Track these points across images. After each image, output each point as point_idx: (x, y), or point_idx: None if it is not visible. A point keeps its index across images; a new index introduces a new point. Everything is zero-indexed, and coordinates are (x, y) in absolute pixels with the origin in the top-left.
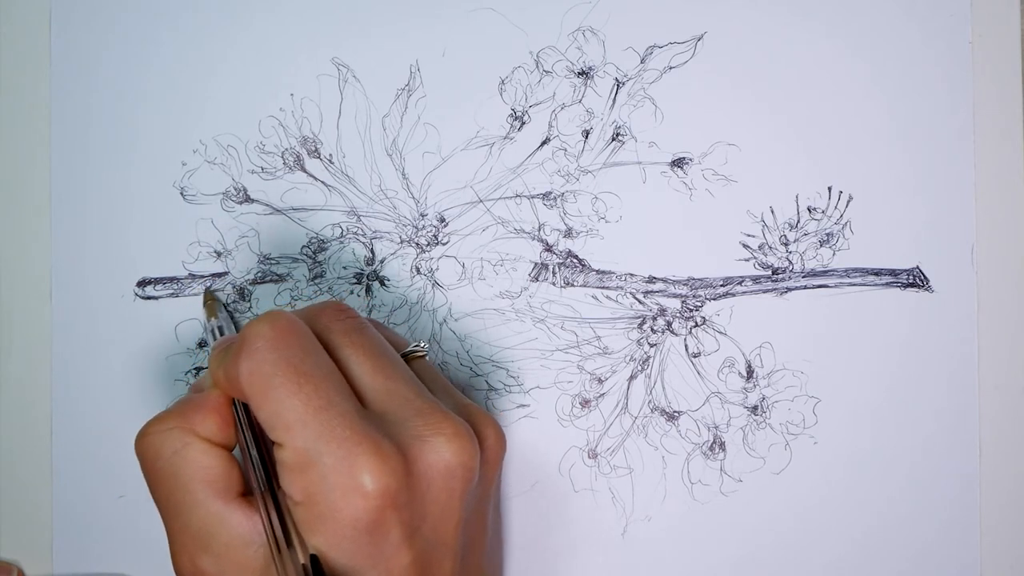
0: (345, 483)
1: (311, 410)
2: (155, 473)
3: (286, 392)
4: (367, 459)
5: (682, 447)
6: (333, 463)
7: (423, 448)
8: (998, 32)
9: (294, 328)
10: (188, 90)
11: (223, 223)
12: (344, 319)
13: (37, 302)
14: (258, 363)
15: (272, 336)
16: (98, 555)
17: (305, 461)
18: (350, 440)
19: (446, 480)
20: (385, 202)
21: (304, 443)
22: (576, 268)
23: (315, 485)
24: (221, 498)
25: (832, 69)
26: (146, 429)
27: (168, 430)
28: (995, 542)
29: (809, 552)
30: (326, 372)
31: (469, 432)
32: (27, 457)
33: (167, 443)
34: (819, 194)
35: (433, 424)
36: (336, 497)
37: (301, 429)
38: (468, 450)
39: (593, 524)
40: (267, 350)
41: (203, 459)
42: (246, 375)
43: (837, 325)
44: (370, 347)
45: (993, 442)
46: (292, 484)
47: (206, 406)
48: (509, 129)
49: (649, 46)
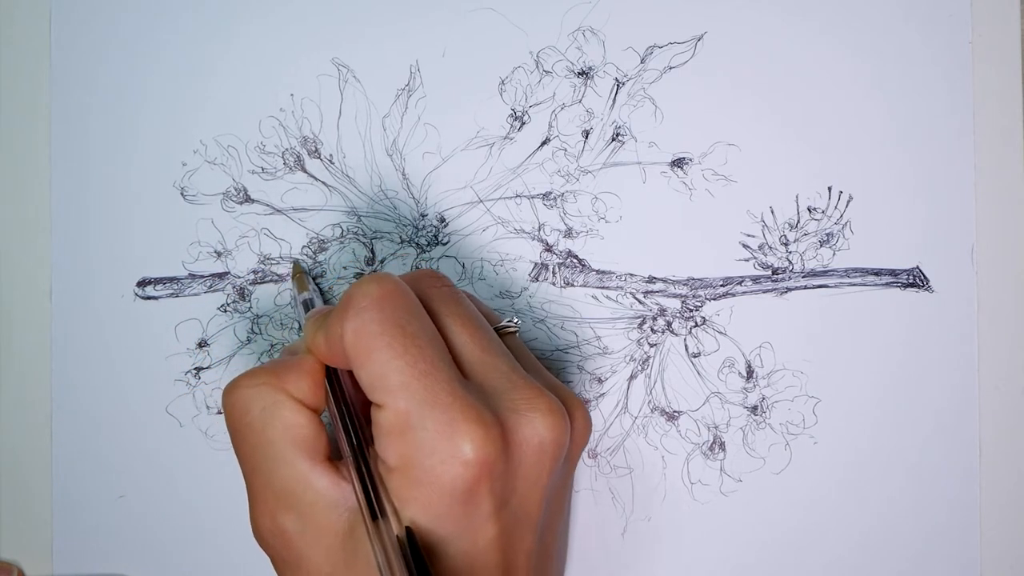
0: (445, 449)
1: (416, 373)
2: (242, 428)
3: (392, 353)
4: (469, 427)
5: (682, 447)
6: (435, 428)
7: (519, 421)
8: (998, 32)
9: (400, 290)
10: (188, 90)
11: (223, 223)
12: (442, 287)
13: (37, 302)
14: (365, 322)
15: (379, 296)
16: (98, 555)
17: (405, 424)
18: (453, 407)
19: (538, 455)
20: (385, 202)
21: (407, 406)
22: (576, 268)
23: (413, 449)
24: (308, 459)
25: (832, 69)
26: (237, 382)
27: (259, 385)
28: (995, 542)
29: (809, 552)
30: (431, 336)
31: (563, 410)
32: (27, 457)
33: (257, 398)
34: (819, 194)
35: (529, 399)
36: (435, 463)
37: (404, 392)
38: (561, 427)
39: (593, 524)
40: (374, 310)
41: (293, 418)
42: (351, 334)
43: (837, 325)
44: (469, 317)
45: (993, 442)
46: (388, 448)
47: (300, 368)
48: (509, 129)
49: (649, 46)
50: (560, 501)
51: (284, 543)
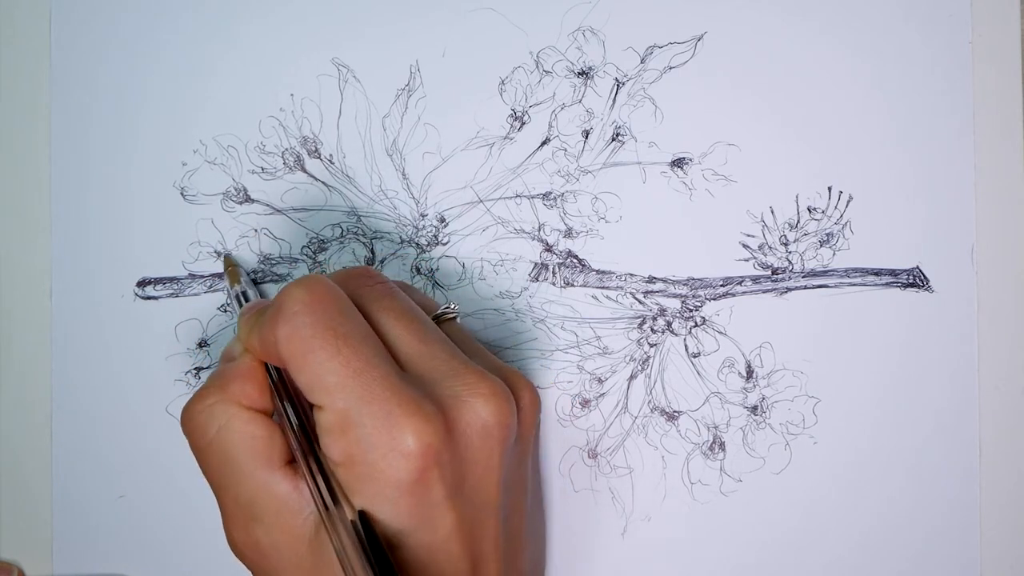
0: (386, 443)
1: (350, 372)
2: (203, 450)
3: (325, 355)
4: (408, 419)
5: (682, 447)
6: (374, 424)
7: (461, 408)
8: (998, 32)
9: (330, 292)
10: (188, 90)
11: (223, 223)
12: (374, 284)
13: (37, 302)
14: (296, 327)
15: (309, 300)
16: (98, 555)
17: (345, 423)
18: (390, 401)
19: (484, 439)
20: (385, 202)
21: (345, 405)
22: (576, 268)
23: (356, 446)
24: (267, 467)
25: (832, 69)
26: (190, 408)
27: (211, 406)
28: (995, 542)
29: (809, 552)
30: (364, 335)
31: (505, 391)
32: (27, 457)
33: (212, 420)
34: (819, 194)
35: (470, 384)
36: (377, 458)
37: (341, 391)
38: (505, 409)
39: (593, 524)
40: (304, 314)
41: (247, 429)
42: (284, 340)
43: (837, 325)
44: (403, 310)
45: (993, 442)
46: (332, 446)
47: (242, 374)
48: (509, 129)
49: (649, 46)
50: (521, 482)
51: (258, 554)
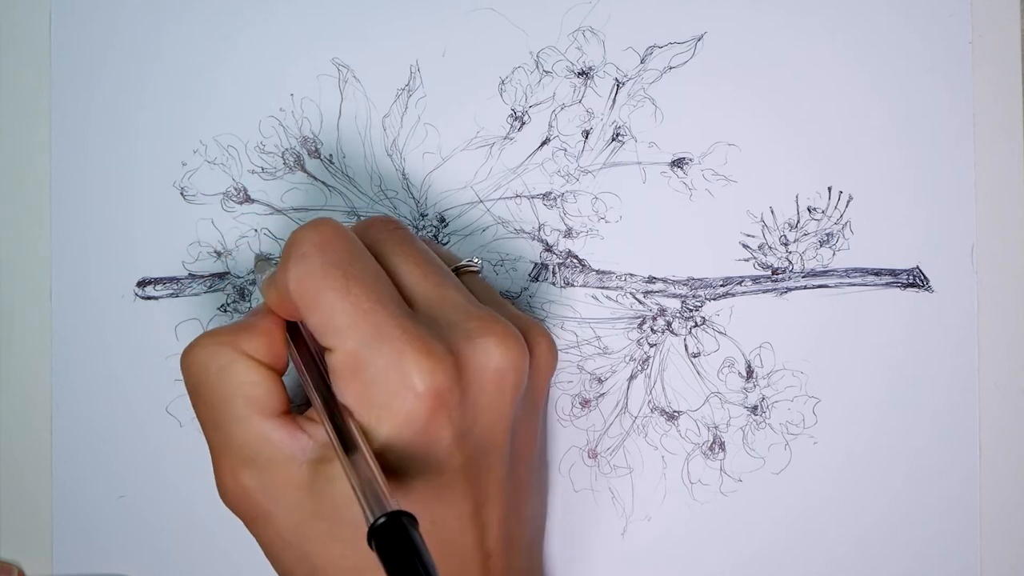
0: (396, 383)
1: (360, 312)
2: (198, 387)
3: (335, 296)
4: (418, 358)
5: (682, 447)
6: (384, 363)
7: (474, 349)
8: (998, 32)
9: (339, 232)
10: (188, 90)
11: (223, 223)
12: (394, 229)
13: (37, 302)
14: (306, 269)
15: (318, 241)
16: (98, 555)
17: (356, 364)
18: (400, 340)
19: (497, 383)
20: (385, 202)
21: (355, 345)
22: (576, 268)
23: (367, 387)
24: (264, 414)
25: (832, 69)
26: (194, 344)
27: (215, 344)
28: (995, 542)
29: (809, 552)
30: (374, 274)
31: (518, 336)
32: (27, 457)
33: (214, 358)
34: (819, 194)
35: (484, 326)
36: (388, 398)
37: (351, 332)
38: (518, 352)
39: (593, 524)
40: (314, 255)
41: (247, 375)
42: (294, 283)
43: (837, 325)
44: (420, 254)
45: (993, 442)
46: (345, 390)
47: (256, 327)
48: (509, 129)
49: (649, 46)
50: (530, 432)
51: (248, 500)
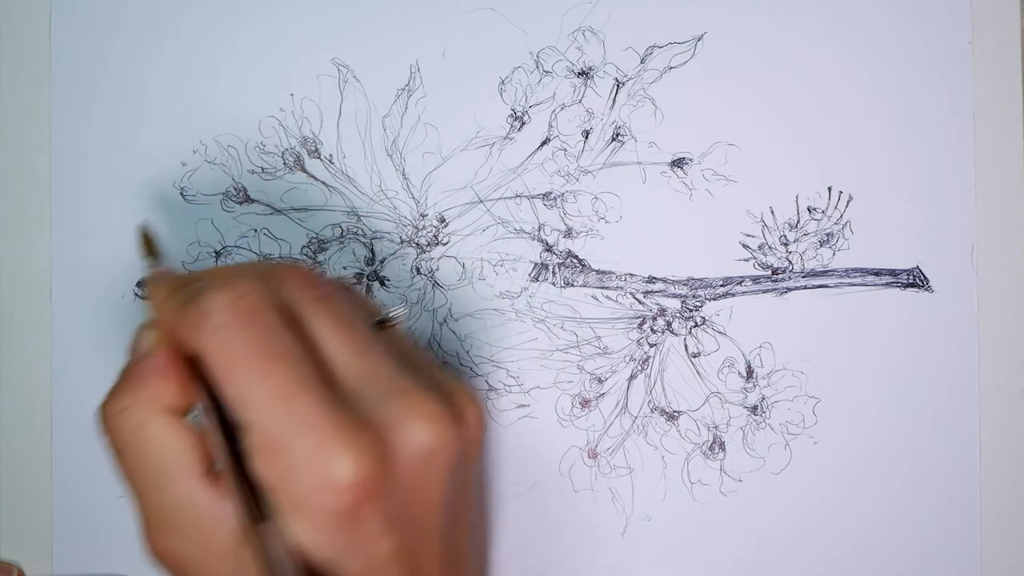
0: (318, 476)
1: (282, 396)
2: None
3: (253, 375)
4: (342, 450)
5: (682, 447)
6: (305, 454)
7: (401, 433)
8: (998, 32)
9: (261, 305)
10: (188, 90)
11: (223, 223)
12: (312, 286)
13: (37, 302)
14: (223, 342)
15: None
16: (98, 555)
17: (276, 447)
18: (323, 430)
19: (426, 465)
20: (385, 202)
21: (274, 429)
22: (576, 268)
23: (286, 473)
24: (187, 477)
25: (832, 69)
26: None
27: (125, 410)
28: (995, 542)
29: (809, 552)
30: (296, 354)
31: (449, 412)
32: (27, 457)
33: (127, 424)
34: (819, 194)
35: (412, 406)
36: (309, 489)
37: (271, 416)
38: (449, 433)
39: (593, 524)
40: (232, 327)
41: (164, 436)
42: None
43: (837, 325)
44: (341, 319)
45: (993, 442)
46: (261, 468)
47: (156, 372)
48: (509, 129)
49: (649, 46)
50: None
51: (176, 565)
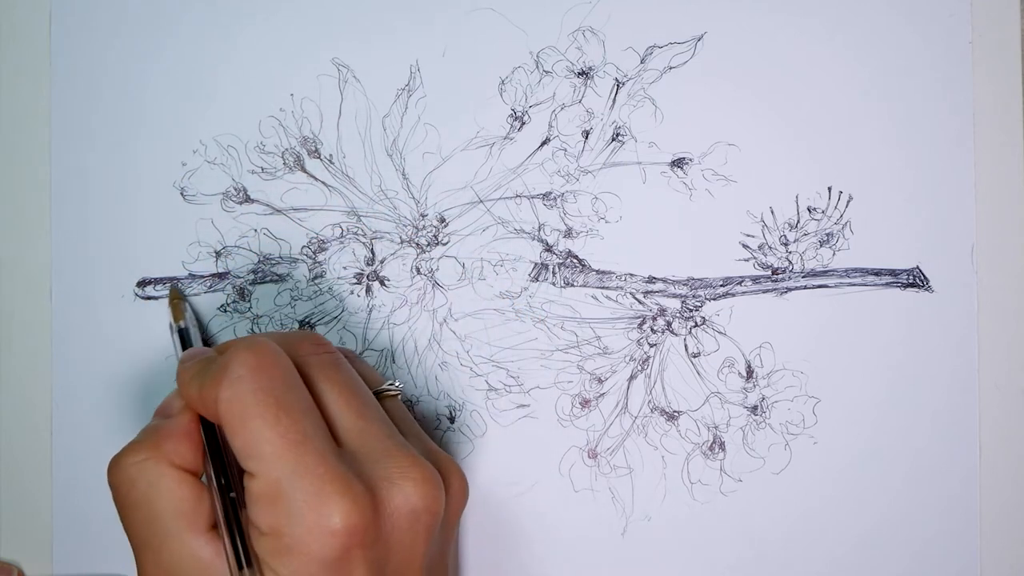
0: (314, 519)
1: (287, 444)
2: (128, 505)
3: (264, 423)
4: (338, 498)
5: (682, 447)
6: (304, 498)
7: (392, 490)
8: (998, 32)
9: (277, 360)
10: (188, 90)
11: (223, 223)
12: (321, 352)
13: (37, 302)
14: (238, 392)
15: (255, 366)
16: (98, 555)
17: (276, 493)
18: (323, 477)
19: (412, 523)
20: (385, 202)
21: (277, 475)
22: (576, 268)
23: (283, 518)
24: (193, 531)
25: (832, 69)
26: (119, 460)
27: (142, 462)
28: (994, 542)
29: (809, 552)
30: (305, 407)
31: (437, 479)
32: (27, 457)
33: (142, 475)
34: (819, 194)
35: (403, 468)
36: (303, 532)
37: (275, 461)
38: (434, 496)
39: (593, 524)
40: (249, 380)
41: (178, 490)
42: (224, 402)
43: (837, 325)
44: (345, 384)
45: (993, 442)
46: (260, 515)
47: (179, 432)
48: (509, 129)
49: (649, 46)
50: (442, 565)
51: None
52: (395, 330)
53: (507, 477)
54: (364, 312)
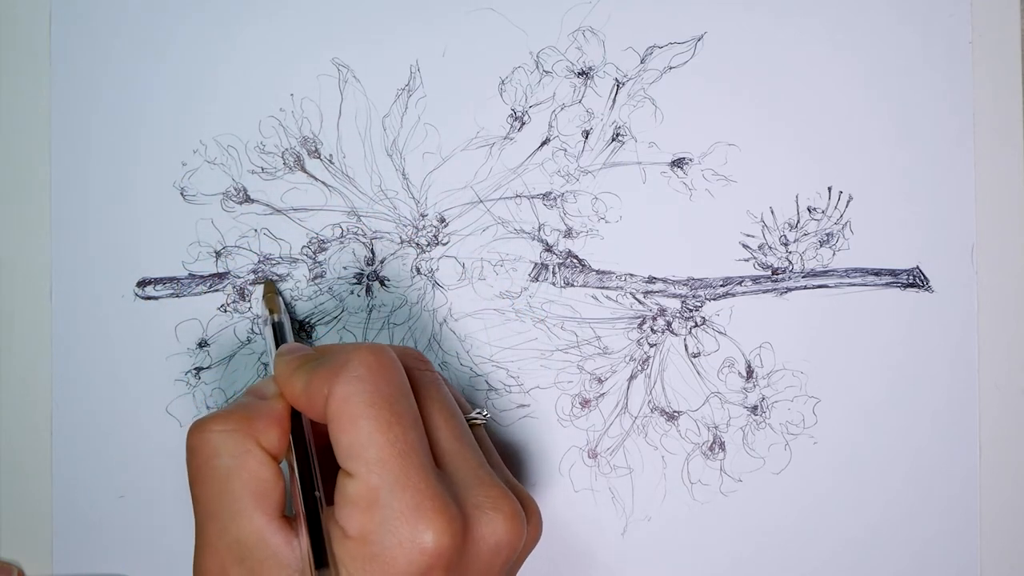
0: (406, 532)
1: (395, 452)
2: (206, 472)
3: (376, 427)
4: (434, 516)
5: (682, 447)
6: (401, 510)
7: (481, 519)
8: (998, 32)
9: (395, 366)
10: (188, 90)
11: (223, 223)
12: (426, 369)
13: (37, 302)
14: (357, 391)
15: (376, 367)
16: (98, 555)
17: (373, 499)
18: (423, 493)
19: (492, 555)
20: (385, 202)
21: (379, 482)
22: (576, 268)
23: (375, 525)
24: (267, 514)
25: (832, 69)
26: (207, 424)
27: (231, 431)
28: (994, 542)
29: (809, 551)
30: (414, 419)
31: (522, 515)
32: (27, 457)
33: (227, 445)
34: (819, 194)
35: (495, 499)
36: (393, 543)
37: (379, 468)
38: (519, 532)
39: (593, 524)
40: (368, 380)
41: (260, 470)
42: (339, 399)
43: (837, 325)
44: (446, 404)
45: (993, 442)
46: (351, 517)
47: (272, 415)
48: (509, 129)
49: (649, 46)
50: None
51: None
52: (395, 330)
53: None
54: (364, 312)
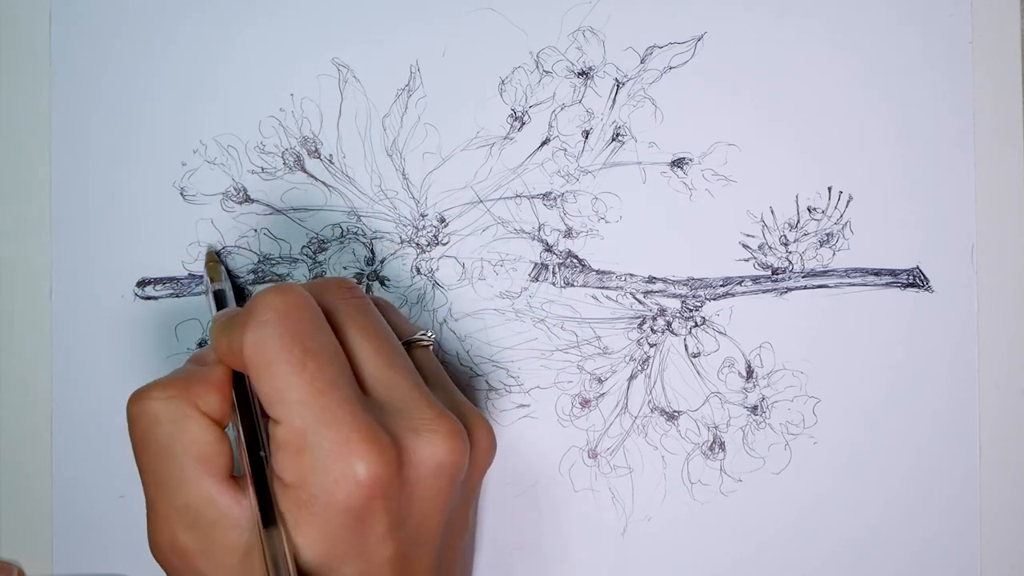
0: (339, 468)
1: (313, 391)
2: (148, 440)
3: (290, 369)
4: (364, 447)
5: (682, 447)
6: (329, 447)
7: (417, 442)
8: (998, 32)
9: (305, 303)
10: (188, 90)
11: (223, 223)
12: (351, 297)
13: (37, 302)
14: (265, 336)
15: (282, 309)
16: (98, 555)
17: (301, 442)
18: (349, 426)
19: (435, 477)
20: (385, 202)
21: (302, 423)
22: (576, 268)
23: (308, 467)
24: (212, 476)
25: (832, 69)
26: (146, 392)
27: (170, 398)
28: (994, 542)
29: (809, 551)
30: (332, 353)
31: (463, 432)
32: (27, 457)
33: (167, 412)
34: (819, 194)
35: (429, 420)
36: (328, 481)
37: (301, 409)
38: (459, 450)
39: (593, 524)
40: (275, 323)
41: (201, 434)
42: (251, 347)
43: (837, 325)
44: (375, 331)
45: (993, 442)
46: (284, 463)
47: (210, 380)
48: (509, 129)
49: (649, 46)
50: (462, 520)
51: (183, 560)
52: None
53: (507, 477)
54: None
